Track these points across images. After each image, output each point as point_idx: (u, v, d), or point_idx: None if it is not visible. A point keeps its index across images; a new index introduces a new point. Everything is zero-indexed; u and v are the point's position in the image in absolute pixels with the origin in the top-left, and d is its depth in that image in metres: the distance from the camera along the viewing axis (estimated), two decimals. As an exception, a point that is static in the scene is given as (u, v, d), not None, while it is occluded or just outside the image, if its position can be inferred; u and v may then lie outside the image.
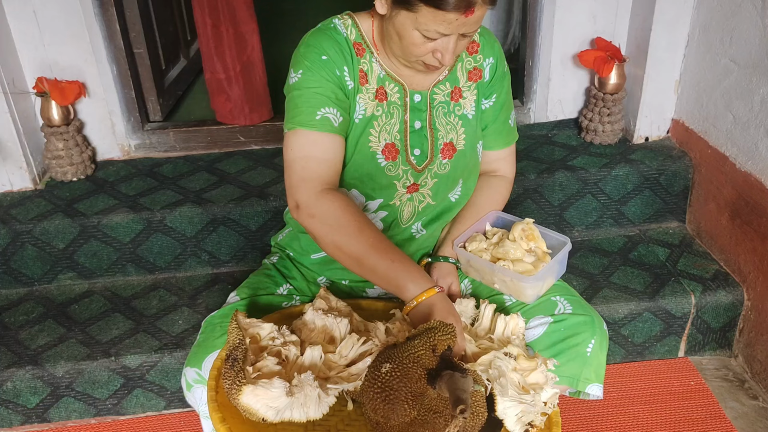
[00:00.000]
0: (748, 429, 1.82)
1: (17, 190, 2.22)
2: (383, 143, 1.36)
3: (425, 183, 1.42)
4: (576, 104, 2.46)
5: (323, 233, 1.26)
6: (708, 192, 2.14)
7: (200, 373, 1.27)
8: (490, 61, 1.43)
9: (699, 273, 2.05)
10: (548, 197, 2.20)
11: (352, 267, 1.26)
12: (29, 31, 2.15)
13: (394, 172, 1.39)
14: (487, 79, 1.43)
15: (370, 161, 1.36)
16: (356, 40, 1.34)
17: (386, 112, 1.36)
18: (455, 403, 0.98)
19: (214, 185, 2.22)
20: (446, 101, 1.40)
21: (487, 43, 1.43)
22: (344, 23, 1.34)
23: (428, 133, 1.40)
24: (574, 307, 1.35)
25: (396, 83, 1.36)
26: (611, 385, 1.95)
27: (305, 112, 1.28)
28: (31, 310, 2.04)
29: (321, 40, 1.30)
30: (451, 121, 1.41)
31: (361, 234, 1.24)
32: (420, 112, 1.39)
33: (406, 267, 1.23)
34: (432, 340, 1.05)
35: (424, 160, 1.40)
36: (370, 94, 1.35)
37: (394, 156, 1.38)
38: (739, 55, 1.93)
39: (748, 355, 2.00)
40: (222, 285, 2.10)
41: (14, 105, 2.13)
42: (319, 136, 1.28)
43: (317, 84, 1.28)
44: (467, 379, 1.02)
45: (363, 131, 1.35)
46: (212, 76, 2.52)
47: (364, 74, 1.34)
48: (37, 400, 1.87)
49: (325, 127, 1.28)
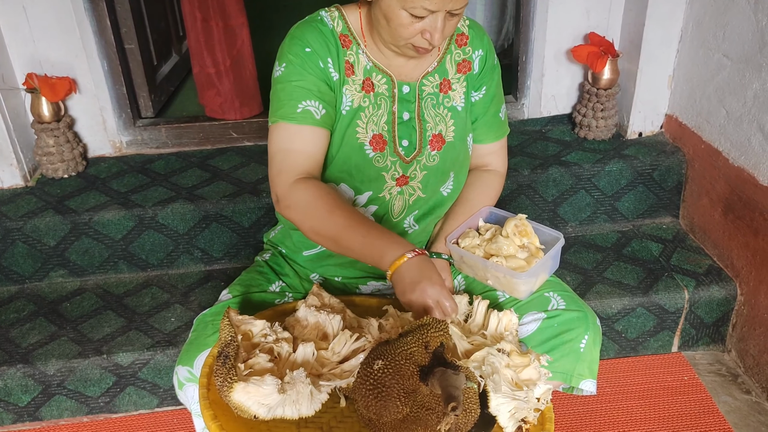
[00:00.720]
0: (741, 423, 1.82)
1: (8, 187, 2.21)
2: (371, 134, 1.37)
3: (414, 175, 1.42)
4: (569, 100, 2.46)
5: (300, 220, 1.28)
6: (701, 187, 2.14)
7: (192, 371, 1.26)
8: (479, 53, 1.43)
9: (692, 268, 2.06)
10: (542, 193, 2.20)
11: (332, 248, 1.28)
12: (19, 27, 2.13)
13: (382, 163, 1.39)
14: (476, 71, 1.44)
15: (357, 152, 1.36)
16: (342, 32, 1.34)
17: (373, 103, 1.36)
18: (447, 400, 0.97)
19: (207, 182, 2.20)
20: (435, 93, 1.41)
21: (476, 36, 1.43)
22: (331, 15, 1.35)
23: (417, 124, 1.40)
24: (567, 302, 1.34)
25: (383, 74, 1.36)
26: (604, 380, 1.95)
27: (287, 105, 1.29)
28: (22, 308, 2.02)
29: (305, 32, 1.31)
30: (440, 112, 1.41)
31: (331, 215, 1.25)
32: (408, 103, 1.39)
33: (380, 236, 1.23)
34: (425, 336, 1.05)
35: (412, 151, 1.40)
36: (356, 85, 1.35)
37: (382, 147, 1.38)
38: (732, 50, 1.93)
39: (741, 349, 2.00)
40: (215, 282, 2.09)
41: (4, 101, 2.11)
42: (299, 128, 1.29)
43: (299, 77, 1.29)
44: (459, 376, 1.02)
45: (350, 122, 1.35)
46: (201, 71, 2.51)
47: (350, 65, 1.34)
48: (29, 399, 1.86)
49: (306, 120, 1.29)
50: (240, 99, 2.49)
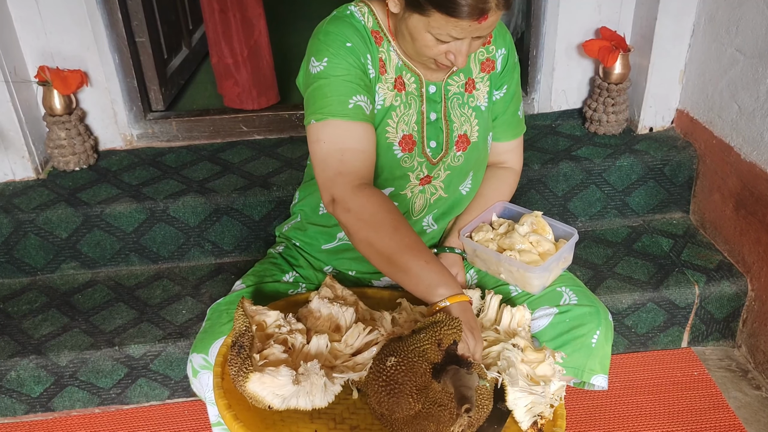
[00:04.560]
0: (751, 419, 1.82)
1: (20, 179, 2.22)
2: (401, 134, 1.34)
3: (438, 175, 1.41)
4: (580, 94, 2.45)
5: (357, 228, 1.21)
6: (712, 182, 2.13)
7: (207, 358, 1.27)
8: (502, 52, 1.41)
9: (703, 264, 2.05)
10: (552, 188, 2.19)
11: (381, 265, 1.21)
12: (31, 20, 2.14)
13: (409, 164, 1.37)
14: (499, 70, 1.42)
15: (386, 153, 1.33)
16: (374, 27, 1.30)
17: (404, 102, 1.34)
18: (460, 402, 0.98)
19: (218, 175, 2.21)
20: (460, 92, 1.39)
21: (499, 34, 1.41)
22: (360, 10, 1.30)
23: (443, 125, 1.38)
24: (579, 297, 1.35)
25: (413, 73, 1.34)
26: (614, 375, 1.95)
27: (336, 101, 1.22)
28: (34, 299, 2.04)
29: (342, 27, 1.26)
30: (465, 112, 1.40)
31: (396, 232, 1.19)
32: (435, 104, 1.37)
33: (440, 270, 1.19)
34: (438, 334, 1.05)
35: (439, 153, 1.39)
36: (389, 83, 1.32)
37: (411, 148, 1.35)
38: (745, 44, 1.92)
39: (752, 345, 2.00)
40: (226, 275, 2.10)
41: (16, 94, 2.12)
42: (353, 125, 1.23)
43: (345, 71, 1.23)
44: (472, 375, 1.02)
45: (381, 122, 1.32)
46: (220, 61, 2.52)
47: (383, 63, 1.31)
48: (41, 390, 1.87)
49: (359, 116, 1.23)
50: (258, 89, 2.50)
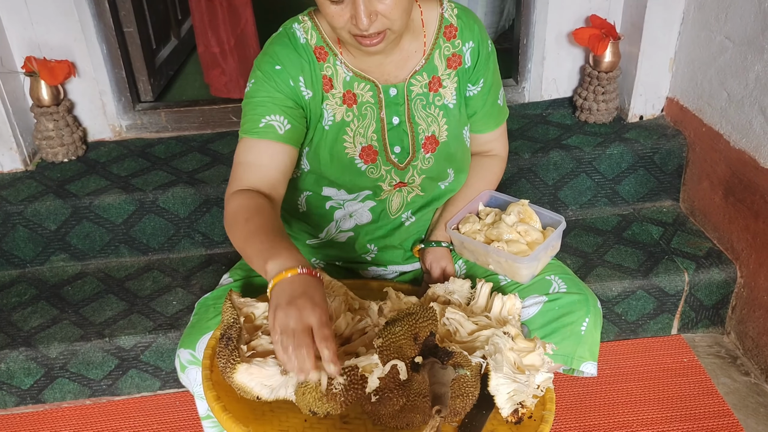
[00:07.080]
0: (740, 404, 1.84)
1: (7, 171, 2.20)
2: (359, 147, 1.33)
3: (413, 180, 1.39)
4: (570, 83, 2.45)
5: (226, 229, 1.24)
6: (702, 170, 2.14)
7: (194, 354, 1.26)
8: (470, 46, 1.35)
9: (692, 251, 2.06)
10: (542, 176, 2.20)
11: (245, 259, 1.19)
12: (17, 10, 2.11)
13: (376, 174, 1.36)
14: (468, 64, 1.36)
15: (349, 167, 1.33)
16: (317, 44, 1.28)
17: (357, 116, 1.32)
18: (433, 402, 0.98)
19: (207, 166, 2.20)
20: (425, 93, 1.35)
21: (465, 26, 1.35)
22: (304, 27, 1.28)
23: (407, 127, 1.35)
24: (568, 285, 1.35)
25: (366, 81, 1.31)
26: (604, 362, 1.96)
27: (251, 120, 1.27)
28: (23, 291, 2.03)
29: (278, 48, 1.27)
30: (432, 113, 1.36)
31: (246, 223, 1.17)
32: (397, 107, 1.33)
33: (273, 247, 1.10)
34: (413, 328, 1.05)
35: (405, 157, 1.36)
36: (337, 99, 1.30)
37: (373, 158, 1.34)
38: (734, 32, 1.92)
39: (741, 331, 2.01)
40: (216, 266, 2.09)
41: (3, 85, 2.10)
42: (258, 142, 1.26)
43: (266, 94, 1.26)
44: (447, 370, 1.02)
45: (336, 138, 1.32)
46: (206, 50, 2.50)
47: (329, 79, 1.29)
48: (32, 382, 1.87)
49: (267, 135, 1.25)
50: (244, 78, 2.49)
